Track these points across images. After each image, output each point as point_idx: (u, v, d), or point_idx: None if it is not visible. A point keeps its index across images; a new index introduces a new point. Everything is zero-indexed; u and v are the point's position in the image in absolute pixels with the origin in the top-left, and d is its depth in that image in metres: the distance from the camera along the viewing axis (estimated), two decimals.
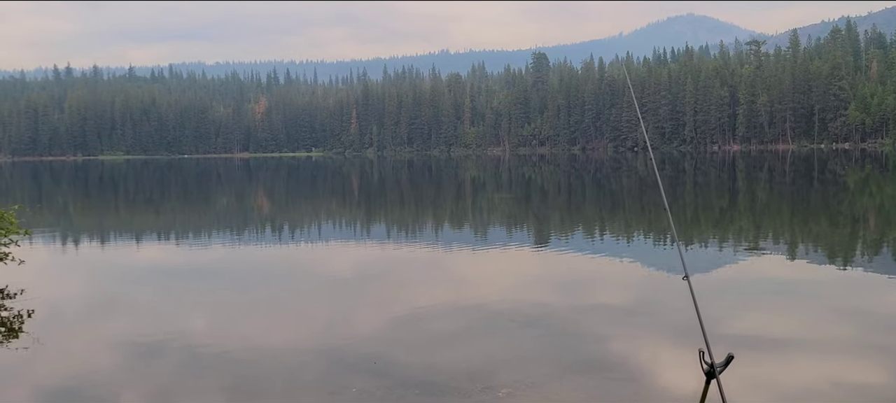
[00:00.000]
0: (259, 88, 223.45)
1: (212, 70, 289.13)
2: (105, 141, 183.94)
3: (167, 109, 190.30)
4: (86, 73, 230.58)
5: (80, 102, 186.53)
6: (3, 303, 10.03)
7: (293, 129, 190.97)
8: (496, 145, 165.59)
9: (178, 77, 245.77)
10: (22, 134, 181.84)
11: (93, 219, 28.30)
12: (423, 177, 59.41)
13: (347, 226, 24.14)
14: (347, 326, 9.65)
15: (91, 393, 6.94)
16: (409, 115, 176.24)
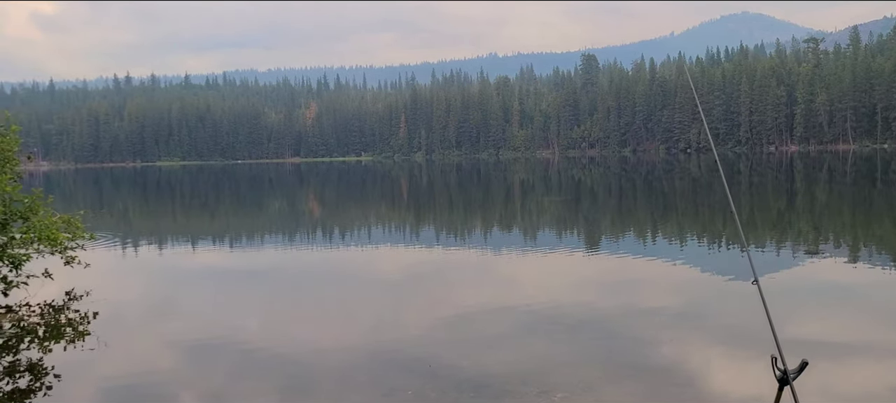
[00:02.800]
0: (310, 94, 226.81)
1: (264, 77, 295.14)
2: (162, 147, 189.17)
3: (221, 116, 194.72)
4: (144, 82, 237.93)
5: (138, 110, 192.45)
6: (70, 305, 10.36)
7: (343, 134, 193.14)
8: (545, 148, 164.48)
9: (231, 84, 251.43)
10: (84, 141, 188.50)
11: (151, 223, 29.11)
12: (471, 181, 59.38)
13: (397, 230, 24.26)
14: (398, 328, 9.68)
15: (151, 392, 7.12)
16: (458, 119, 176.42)
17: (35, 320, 9.56)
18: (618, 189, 43.24)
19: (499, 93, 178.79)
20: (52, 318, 9.72)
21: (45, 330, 9.16)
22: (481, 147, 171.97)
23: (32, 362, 7.84)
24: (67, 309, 10.17)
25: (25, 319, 9.55)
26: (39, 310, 10.02)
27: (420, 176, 72.77)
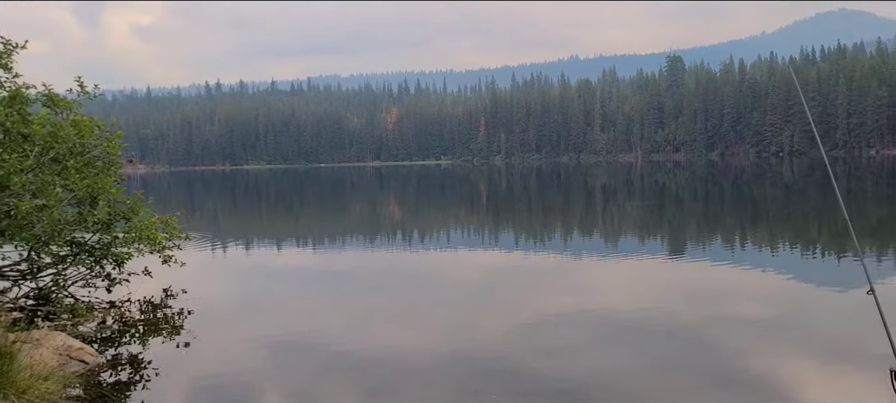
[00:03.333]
0: (390, 99, 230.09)
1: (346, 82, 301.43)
2: (250, 151, 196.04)
3: (305, 121, 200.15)
4: (233, 88, 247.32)
5: (228, 116, 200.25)
6: (167, 302, 10.91)
7: (423, 138, 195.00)
8: (628, 151, 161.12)
9: (315, 90, 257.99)
10: (178, 145, 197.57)
11: (239, 225, 30.24)
12: (551, 185, 58.86)
13: (476, 233, 24.31)
14: (478, 331, 9.71)
15: (238, 390, 7.38)
16: (538, 122, 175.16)
17: (135, 315, 10.10)
18: (704, 194, 41.91)
19: (580, 96, 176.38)
20: (151, 314, 10.25)
21: (144, 326, 9.66)
22: (562, 150, 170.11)
23: (133, 355, 8.27)
24: (165, 306, 10.70)
25: (127, 314, 10.10)
26: (139, 306, 10.59)
27: (499, 179, 72.66)
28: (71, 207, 9.85)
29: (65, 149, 9.76)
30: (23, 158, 9.09)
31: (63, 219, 9.26)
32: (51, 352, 6.48)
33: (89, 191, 9.81)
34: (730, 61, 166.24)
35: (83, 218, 9.81)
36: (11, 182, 8.57)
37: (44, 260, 10.08)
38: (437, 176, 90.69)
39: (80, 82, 10.99)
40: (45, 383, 5.57)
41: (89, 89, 11.03)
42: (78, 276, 10.61)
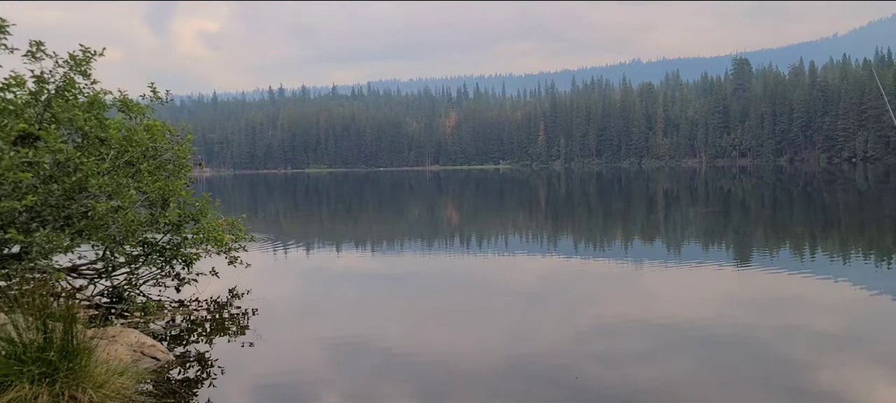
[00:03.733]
0: (449, 103, 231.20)
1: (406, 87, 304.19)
2: (311, 155, 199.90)
3: (365, 125, 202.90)
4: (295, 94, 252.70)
5: (290, 120, 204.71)
6: (233, 302, 11.22)
7: (482, 142, 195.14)
8: (691, 157, 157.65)
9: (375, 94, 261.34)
10: (242, 149, 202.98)
11: (300, 227, 30.83)
12: (611, 190, 58.04)
13: (534, 239, 24.17)
14: (538, 337, 9.65)
15: (300, 390, 7.53)
16: (598, 127, 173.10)
17: (203, 314, 10.41)
18: (772, 200, 40.62)
19: (642, 100, 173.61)
20: (217, 313, 10.54)
21: (211, 325, 9.95)
22: (622, 155, 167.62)
23: (200, 353, 8.53)
24: (230, 306, 11.00)
25: (195, 313, 10.43)
26: (206, 306, 10.91)
27: (558, 184, 72.06)
28: (144, 209, 10.25)
29: (138, 152, 10.16)
30: (100, 161, 9.50)
31: (136, 220, 9.64)
32: (125, 348, 6.75)
33: (161, 194, 10.19)
34: (799, 64, 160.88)
35: (155, 219, 10.19)
36: (89, 184, 8.97)
37: (118, 260, 10.50)
38: (496, 180, 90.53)
39: (152, 88, 11.44)
40: (120, 378, 5.80)
41: (161, 95, 11.48)
42: (149, 275, 11.02)
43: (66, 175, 9.10)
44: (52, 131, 9.14)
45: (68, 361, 5.37)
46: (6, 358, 5.25)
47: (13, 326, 5.38)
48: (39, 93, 10.32)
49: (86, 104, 10.35)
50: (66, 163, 9.10)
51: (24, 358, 5.26)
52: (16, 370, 5.19)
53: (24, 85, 10.27)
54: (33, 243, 8.28)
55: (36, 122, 9.89)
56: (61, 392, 5.26)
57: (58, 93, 10.37)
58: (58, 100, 10.20)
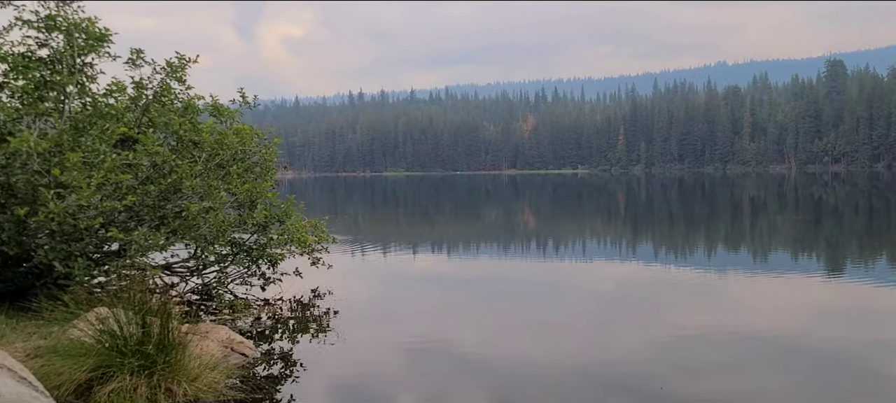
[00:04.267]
0: (527, 107, 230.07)
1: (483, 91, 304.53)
2: (389, 158, 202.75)
3: (442, 129, 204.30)
4: (375, 98, 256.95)
5: (369, 124, 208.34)
6: (315, 302, 11.52)
7: (559, 147, 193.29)
8: (779, 162, 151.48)
9: (452, 98, 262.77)
10: (322, 152, 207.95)
11: (378, 229, 31.33)
12: (694, 196, 56.42)
13: (613, 244, 23.77)
14: (616, 345, 9.50)
15: (376, 390, 7.66)
16: (681, 131, 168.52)
17: (287, 314, 10.74)
18: (867, 208, 38.57)
19: (727, 104, 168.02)
20: (300, 313, 10.86)
21: (294, 324, 10.25)
22: (706, 160, 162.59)
23: (284, 351, 8.81)
24: (313, 306, 11.31)
25: (279, 312, 10.77)
26: (290, 305, 11.25)
27: (638, 189, 70.59)
28: (233, 210, 10.68)
29: (228, 155, 10.60)
30: (192, 164, 9.95)
31: (226, 221, 10.06)
32: (216, 344, 7.06)
33: (249, 196, 10.60)
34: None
35: (243, 220, 10.61)
36: (183, 185, 9.42)
37: (208, 259, 10.97)
38: (574, 185, 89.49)
39: (241, 93, 11.93)
40: (211, 372, 6.07)
41: (249, 100, 11.96)
42: (236, 274, 11.46)
43: (162, 177, 9.58)
44: (149, 134, 9.63)
45: (165, 355, 5.67)
46: (109, 350, 5.59)
47: (115, 320, 5.72)
48: (138, 99, 10.92)
49: (180, 109, 10.88)
50: (163, 165, 9.58)
51: (124, 351, 5.58)
52: (118, 361, 5.52)
53: (124, 90, 10.88)
54: (132, 241, 8.75)
55: (135, 126, 10.46)
56: (158, 384, 5.55)
57: (155, 99, 10.95)
58: (155, 105, 10.77)
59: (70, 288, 8.02)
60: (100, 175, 8.63)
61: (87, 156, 8.93)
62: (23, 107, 9.70)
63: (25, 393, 3.90)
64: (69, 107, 10.42)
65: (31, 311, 8.10)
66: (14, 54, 10.14)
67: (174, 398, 5.62)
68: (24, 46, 10.45)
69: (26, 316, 8.22)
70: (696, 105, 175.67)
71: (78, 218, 8.44)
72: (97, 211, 8.55)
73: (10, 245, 8.80)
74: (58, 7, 10.50)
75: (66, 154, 8.77)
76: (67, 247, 8.64)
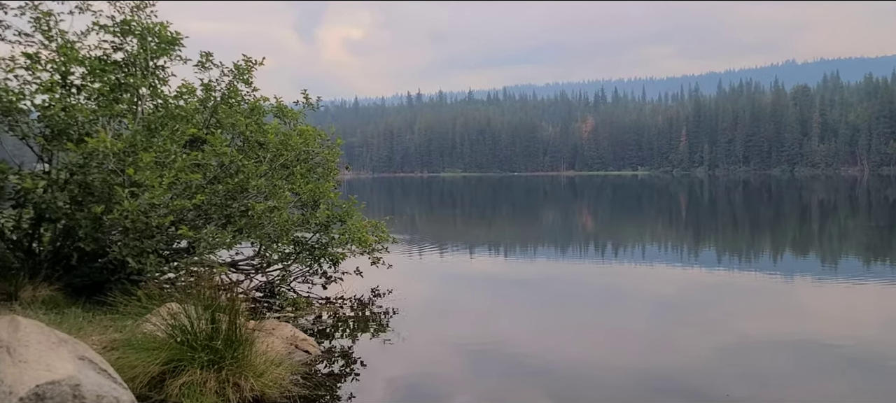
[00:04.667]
0: (586, 108, 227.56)
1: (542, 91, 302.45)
2: (446, 159, 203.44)
3: (500, 130, 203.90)
4: (432, 99, 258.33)
5: (427, 125, 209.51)
6: (374, 301, 11.67)
7: (619, 148, 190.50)
8: (852, 165, 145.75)
9: (511, 99, 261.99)
10: (380, 153, 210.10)
11: (435, 229, 31.48)
12: (760, 199, 54.78)
13: (673, 248, 23.29)
14: (676, 351, 9.31)
15: (434, 389, 7.72)
16: (746, 132, 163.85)
17: (347, 312, 10.91)
18: None
19: (796, 104, 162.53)
20: (360, 312, 11.01)
21: (354, 322, 10.41)
22: (773, 162, 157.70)
23: (344, 349, 8.95)
24: (372, 305, 11.46)
25: (340, 311, 10.95)
26: (350, 304, 11.43)
27: (701, 192, 68.95)
28: (296, 209, 10.92)
29: (292, 156, 10.83)
30: (258, 164, 10.21)
31: (290, 220, 10.29)
32: (281, 341, 7.23)
33: (312, 195, 10.81)
34: None
35: (306, 219, 10.83)
36: (250, 185, 9.68)
37: (272, 257, 11.24)
38: (634, 187, 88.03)
39: (305, 95, 12.17)
40: (276, 369, 6.22)
41: (312, 101, 12.20)
42: (298, 273, 11.70)
43: (228, 176, 9.86)
44: (217, 135, 9.92)
45: (233, 350, 5.84)
46: (180, 345, 5.79)
47: (186, 316, 5.93)
48: (207, 100, 11.27)
49: (246, 110, 11.18)
50: (230, 165, 9.86)
51: (195, 346, 5.78)
52: (188, 356, 5.72)
53: (194, 93, 11.25)
54: (201, 239, 9.04)
55: (203, 127, 10.80)
56: (227, 379, 5.72)
57: (222, 100, 11.28)
58: (222, 107, 11.08)
59: (142, 284, 8.35)
60: (171, 174, 8.94)
61: (158, 156, 9.26)
62: (99, 108, 10.09)
63: (105, 385, 4.08)
64: (142, 109, 10.82)
65: (105, 305, 8.45)
66: (91, 58, 10.58)
67: (241, 393, 5.78)
68: (101, 50, 10.92)
69: (101, 310, 8.58)
70: (762, 105, 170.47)
71: (150, 216, 8.76)
72: (168, 209, 8.86)
73: (87, 241, 9.19)
74: (133, 12, 10.93)
75: (140, 154, 9.11)
76: (140, 244, 8.97)
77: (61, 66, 10.01)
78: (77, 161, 9.41)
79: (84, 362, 4.11)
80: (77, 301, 9.09)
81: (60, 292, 9.19)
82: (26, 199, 9.52)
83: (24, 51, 10.01)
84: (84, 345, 4.35)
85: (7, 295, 8.77)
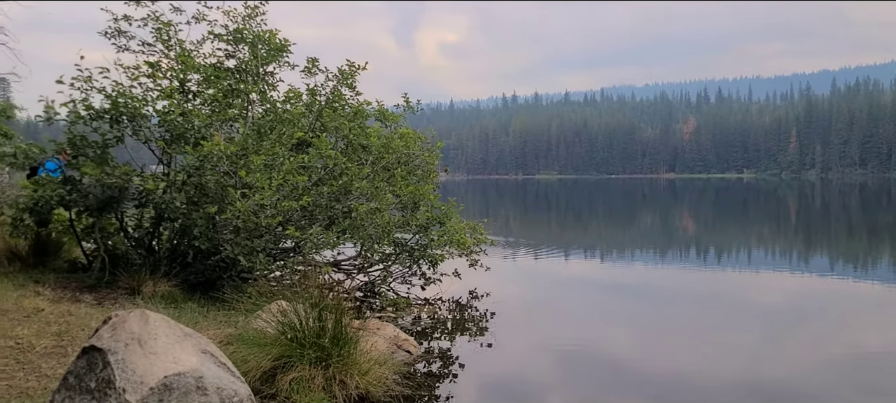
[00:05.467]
0: (688, 108, 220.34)
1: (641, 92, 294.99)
2: (542, 161, 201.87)
3: (597, 131, 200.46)
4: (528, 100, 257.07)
5: (522, 127, 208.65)
6: (473, 303, 11.73)
7: (722, 150, 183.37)
8: None
9: (608, 100, 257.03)
10: (476, 155, 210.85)
11: (530, 232, 31.27)
12: (878, 204, 51.31)
13: (781, 255, 22.17)
14: (784, 362, 8.85)
15: (530, 394, 7.68)
16: (863, 133, 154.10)
17: (445, 314, 11.01)
18: None
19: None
20: (458, 313, 11.09)
21: (452, 323, 10.49)
22: (893, 165, 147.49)
23: (443, 350, 9.04)
24: (470, 307, 11.51)
25: (438, 312, 11.06)
26: (448, 305, 11.53)
27: (812, 196, 65.33)
28: (396, 211, 11.13)
29: (393, 158, 11.05)
30: (360, 166, 10.47)
31: (391, 222, 10.50)
32: (384, 341, 7.39)
33: (412, 198, 10.99)
34: None
35: (406, 221, 11.01)
36: (353, 187, 9.94)
37: (373, 258, 11.49)
38: (739, 190, 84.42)
39: (405, 99, 12.38)
40: (380, 368, 6.36)
41: (412, 105, 12.40)
42: (398, 273, 11.90)
43: (333, 178, 10.16)
44: (323, 138, 10.25)
45: (339, 348, 6.02)
46: (290, 342, 6.02)
47: (295, 313, 6.15)
48: (312, 105, 11.66)
49: (350, 114, 11.49)
50: (334, 167, 10.15)
51: (303, 343, 5.99)
52: (298, 352, 5.93)
53: (300, 97, 11.66)
54: (307, 239, 9.35)
55: (309, 131, 11.17)
56: (333, 376, 5.90)
57: (327, 104, 11.64)
58: (327, 110, 11.44)
59: (254, 281, 8.72)
60: (279, 176, 9.30)
61: (267, 159, 9.65)
62: (213, 113, 10.62)
63: (225, 378, 4.29)
64: (252, 113, 11.33)
65: (218, 301, 8.88)
66: (206, 65, 11.16)
67: (347, 390, 5.94)
68: (214, 58, 11.50)
69: (214, 305, 9.03)
70: (881, 104, 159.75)
71: (259, 216, 9.15)
72: (276, 210, 9.22)
73: (202, 239, 9.70)
74: (244, 21, 11.45)
75: (251, 156, 9.53)
76: (250, 243, 9.38)
77: (180, 74, 10.60)
78: (193, 163, 9.92)
79: (206, 355, 4.34)
80: (192, 296, 9.60)
81: (177, 288, 9.73)
82: (148, 200, 10.12)
83: (147, 60, 10.67)
84: (206, 339, 4.60)
85: (130, 289, 9.38)
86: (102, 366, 3.96)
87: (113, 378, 3.88)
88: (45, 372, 5.66)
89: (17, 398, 5.03)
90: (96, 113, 9.98)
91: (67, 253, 11.46)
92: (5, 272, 10.14)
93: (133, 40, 11.00)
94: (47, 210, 10.10)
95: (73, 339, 6.81)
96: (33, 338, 6.67)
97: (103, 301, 8.99)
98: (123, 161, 10.49)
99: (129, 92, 10.07)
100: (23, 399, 5.02)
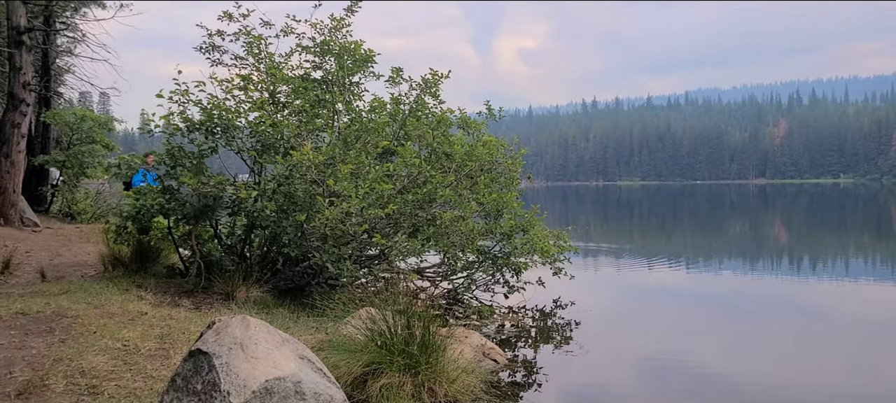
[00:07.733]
0: (779, 111, 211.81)
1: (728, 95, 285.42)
2: (623, 167, 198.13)
3: (681, 136, 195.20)
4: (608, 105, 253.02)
5: (602, 132, 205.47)
6: (556, 312, 11.62)
7: (817, 153, 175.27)
8: None
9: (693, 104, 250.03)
10: (555, 161, 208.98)
11: (613, 239, 30.68)
12: None
13: (882, 263, 20.94)
14: (885, 380, 8.34)
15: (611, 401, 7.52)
16: None
17: (529, 322, 10.94)
18: None
19: None
20: (542, 322, 11.00)
21: (536, 332, 10.41)
22: None
23: (527, 359, 8.98)
24: (554, 316, 11.40)
25: (522, 320, 11.00)
26: (532, 314, 11.45)
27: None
28: (480, 219, 11.15)
29: (476, 166, 11.08)
30: (444, 174, 10.55)
31: (475, 230, 10.52)
32: (470, 349, 7.40)
33: (496, 205, 10.99)
34: None
35: (490, 229, 11.02)
36: (437, 195, 10.03)
37: (456, 265, 11.54)
38: (835, 196, 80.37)
39: (487, 106, 12.42)
40: (468, 376, 6.38)
41: (494, 112, 12.42)
42: (481, 281, 11.91)
43: (417, 186, 10.27)
44: (407, 147, 10.38)
45: (427, 355, 6.07)
46: (379, 348, 6.11)
47: (384, 320, 6.25)
48: (396, 114, 11.84)
49: (433, 122, 11.60)
50: (418, 175, 10.27)
51: (393, 350, 6.07)
52: (387, 359, 6.02)
53: (384, 107, 11.87)
54: (393, 246, 9.49)
55: (394, 139, 11.35)
56: (422, 383, 5.95)
57: (411, 113, 11.79)
58: (410, 119, 11.59)
59: (342, 288, 8.91)
60: (365, 185, 9.48)
61: (354, 168, 9.86)
62: (301, 123, 10.94)
63: (321, 383, 4.40)
64: (338, 123, 11.59)
65: (307, 307, 9.12)
66: (294, 77, 11.51)
67: (436, 397, 5.99)
68: (302, 69, 11.85)
69: (304, 311, 9.27)
70: None
71: (346, 224, 9.34)
72: (362, 217, 9.39)
73: (291, 247, 9.98)
74: (331, 33, 11.75)
75: (338, 165, 9.75)
76: (337, 251, 9.60)
77: (270, 86, 10.98)
78: (283, 172, 10.24)
79: (303, 361, 4.46)
80: (282, 302, 9.90)
81: (268, 294, 10.05)
82: (240, 208, 10.51)
83: (239, 73, 11.10)
84: (302, 345, 4.73)
85: (225, 294, 9.76)
86: (208, 369, 4.14)
87: (218, 380, 4.05)
88: (150, 374, 5.95)
89: (126, 398, 5.30)
90: (193, 125, 10.43)
91: (165, 259, 12.02)
92: (110, 277, 10.74)
93: (226, 54, 11.48)
94: (148, 218, 10.63)
95: (175, 342, 7.13)
96: (138, 341, 7.02)
97: (200, 305, 9.38)
98: (215, 171, 10.91)
99: (223, 104, 10.48)
100: (131, 399, 5.29)
